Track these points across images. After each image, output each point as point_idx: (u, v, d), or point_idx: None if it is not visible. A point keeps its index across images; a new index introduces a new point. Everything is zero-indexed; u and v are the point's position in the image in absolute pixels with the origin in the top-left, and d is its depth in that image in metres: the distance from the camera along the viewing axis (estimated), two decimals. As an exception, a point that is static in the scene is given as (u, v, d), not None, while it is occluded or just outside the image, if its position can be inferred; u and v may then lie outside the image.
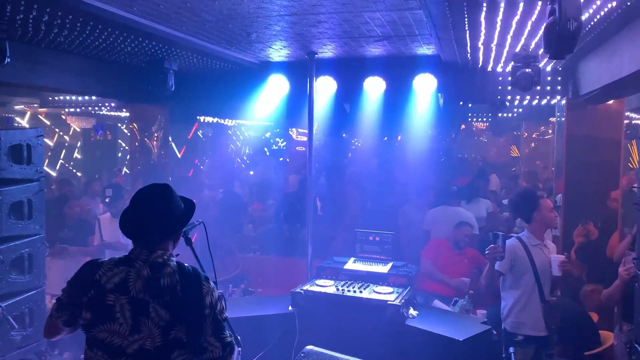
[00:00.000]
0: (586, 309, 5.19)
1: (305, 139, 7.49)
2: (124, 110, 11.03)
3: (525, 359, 4.31)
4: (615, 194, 6.13)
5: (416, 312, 4.83)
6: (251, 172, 11.62)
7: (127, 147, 10.94)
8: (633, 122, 10.71)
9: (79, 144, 14.16)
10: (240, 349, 2.70)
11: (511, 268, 4.46)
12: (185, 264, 2.47)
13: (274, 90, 6.53)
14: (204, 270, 2.61)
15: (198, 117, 10.07)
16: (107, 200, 7.00)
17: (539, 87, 5.63)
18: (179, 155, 9.03)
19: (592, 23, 4.15)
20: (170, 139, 8.16)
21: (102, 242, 6.40)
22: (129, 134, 9.04)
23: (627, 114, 9.14)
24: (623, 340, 4.26)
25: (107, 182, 9.34)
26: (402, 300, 4.67)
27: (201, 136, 12.17)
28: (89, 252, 6.01)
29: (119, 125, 13.90)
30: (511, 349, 3.79)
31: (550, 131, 11.85)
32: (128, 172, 9.64)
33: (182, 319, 2.33)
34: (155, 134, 7.82)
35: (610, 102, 6.16)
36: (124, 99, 8.12)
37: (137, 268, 2.37)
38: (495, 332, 4.65)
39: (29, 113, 12.76)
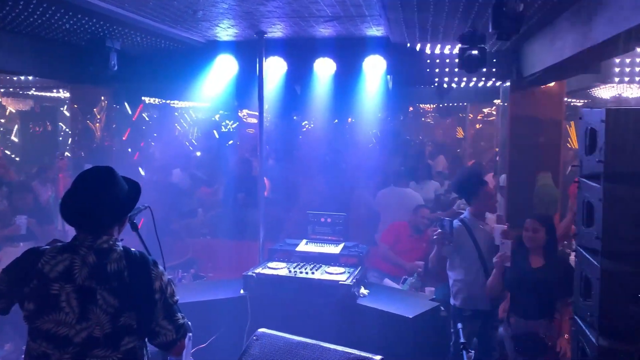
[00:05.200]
0: None
1: (255, 120, 7.37)
2: (64, 91, 10.58)
3: (472, 332, 4.47)
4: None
5: (367, 290, 4.89)
6: (198, 154, 11.38)
7: (68, 131, 10.48)
8: (572, 103, 11.12)
9: (15, 127, 13.47)
10: (191, 334, 2.65)
11: (456, 250, 4.67)
12: (132, 249, 2.40)
13: (223, 71, 6.37)
14: (151, 255, 2.54)
15: (143, 98, 9.73)
16: None
17: (484, 69, 5.75)
18: (124, 138, 8.72)
19: (536, 5, 4.25)
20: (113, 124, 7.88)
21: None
22: (70, 117, 8.67)
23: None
24: (510, 333, 4.31)
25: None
26: (354, 280, 4.72)
27: (146, 118, 11.79)
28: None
29: (59, 107, 13.30)
30: (459, 325, 3.90)
31: (494, 113, 12.17)
32: (70, 155, 9.24)
33: (131, 305, 2.26)
34: (98, 116, 7.54)
35: (552, 84, 6.36)
36: (64, 80, 7.77)
37: (82, 255, 2.28)
38: (443, 309, 4.79)
39: (-41, 94, 12.03)
